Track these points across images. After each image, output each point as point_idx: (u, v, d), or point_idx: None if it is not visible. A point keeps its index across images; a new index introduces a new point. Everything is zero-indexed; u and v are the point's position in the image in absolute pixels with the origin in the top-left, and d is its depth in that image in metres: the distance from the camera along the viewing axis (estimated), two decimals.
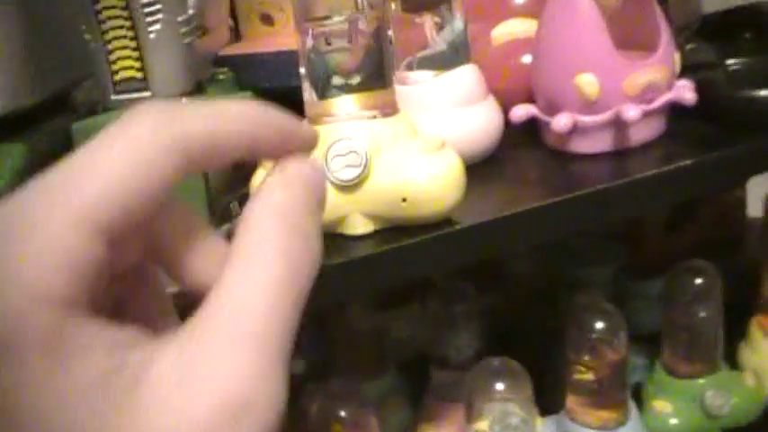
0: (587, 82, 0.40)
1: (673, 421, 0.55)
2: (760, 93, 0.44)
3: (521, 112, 0.43)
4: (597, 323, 0.49)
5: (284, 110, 0.26)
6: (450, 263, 0.34)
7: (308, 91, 0.34)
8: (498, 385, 0.45)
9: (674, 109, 0.43)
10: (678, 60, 0.45)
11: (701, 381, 0.55)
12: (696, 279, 0.54)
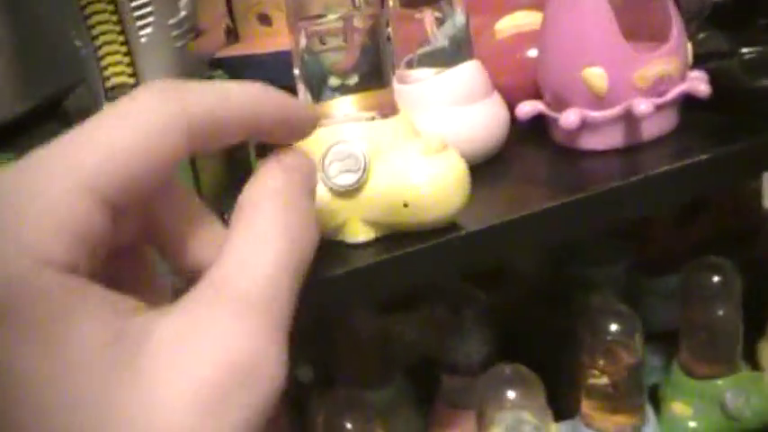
0: (596, 75, 0.39)
1: (692, 424, 0.54)
2: None
3: (527, 109, 0.42)
4: (612, 325, 0.47)
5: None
6: (455, 269, 0.33)
7: (303, 92, 0.32)
8: (510, 393, 0.43)
9: (687, 101, 0.42)
10: (690, 50, 0.43)
11: (721, 382, 0.54)
12: (714, 276, 0.53)
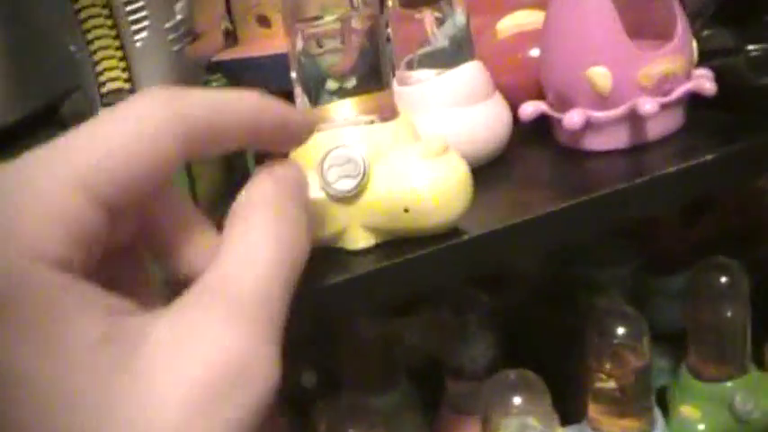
0: (600, 75, 0.38)
1: (701, 427, 0.53)
2: None
3: (530, 110, 0.41)
4: (618, 329, 0.47)
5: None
6: (458, 275, 0.32)
7: (300, 96, 0.32)
8: (515, 399, 0.43)
9: (692, 99, 0.41)
10: (695, 48, 0.42)
11: (730, 384, 0.53)
12: (721, 277, 0.52)
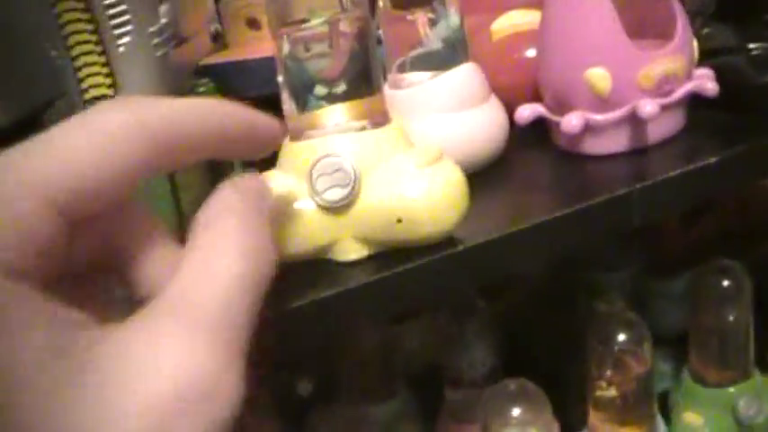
0: (599, 76, 0.37)
1: None
2: None
3: (527, 113, 0.40)
4: (619, 335, 0.46)
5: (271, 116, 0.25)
6: (454, 287, 0.31)
7: (288, 102, 0.30)
8: (515, 410, 0.42)
9: (693, 99, 0.40)
10: (696, 47, 0.41)
11: (733, 389, 0.52)
12: (724, 280, 0.51)
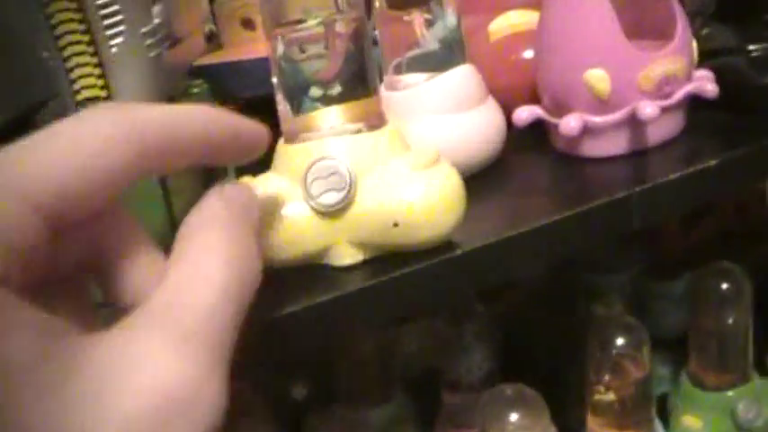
0: (598, 78, 0.36)
1: None
2: None
3: (525, 115, 0.39)
4: (618, 339, 0.45)
5: (265, 120, 0.25)
6: (452, 292, 0.30)
7: (283, 104, 0.30)
8: (512, 416, 0.41)
9: (692, 100, 0.39)
10: (695, 48, 0.40)
11: (732, 393, 0.51)
12: (723, 283, 0.50)
